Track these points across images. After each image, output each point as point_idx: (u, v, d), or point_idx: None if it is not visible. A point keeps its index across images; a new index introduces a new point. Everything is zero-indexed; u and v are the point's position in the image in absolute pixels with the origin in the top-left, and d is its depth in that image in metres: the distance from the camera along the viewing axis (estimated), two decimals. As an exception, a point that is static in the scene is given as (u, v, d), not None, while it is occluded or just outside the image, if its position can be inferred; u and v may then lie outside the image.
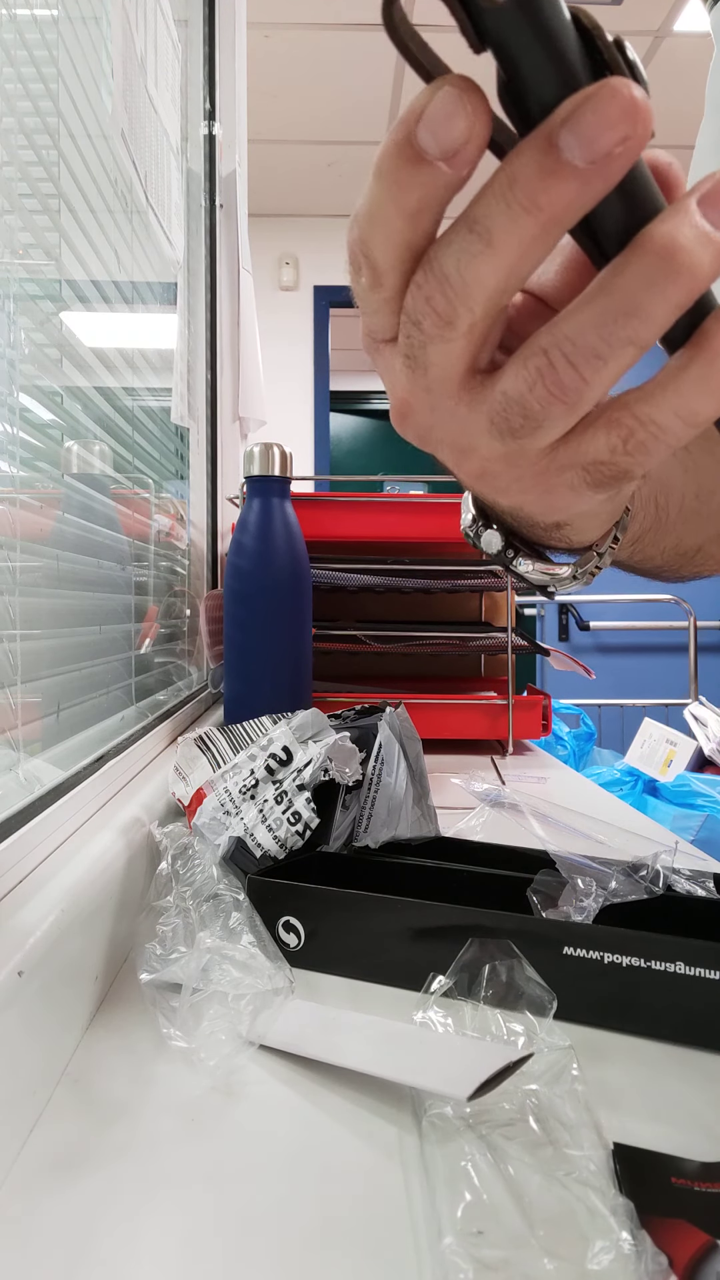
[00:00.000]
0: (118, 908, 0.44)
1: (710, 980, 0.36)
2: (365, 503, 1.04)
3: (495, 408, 0.22)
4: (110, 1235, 0.26)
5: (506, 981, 0.38)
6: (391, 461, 4.69)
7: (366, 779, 0.54)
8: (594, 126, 0.17)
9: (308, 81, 2.86)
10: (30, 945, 0.32)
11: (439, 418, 0.23)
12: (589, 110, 0.17)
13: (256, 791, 0.52)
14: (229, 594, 0.78)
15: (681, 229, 0.19)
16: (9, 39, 0.53)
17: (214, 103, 1.31)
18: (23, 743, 0.49)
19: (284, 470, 0.79)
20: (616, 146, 0.17)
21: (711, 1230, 0.25)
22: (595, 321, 0.20)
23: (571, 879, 0.43)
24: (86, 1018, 0.39)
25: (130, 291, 0.84)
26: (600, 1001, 0.38)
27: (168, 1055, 0.36)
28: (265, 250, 3.56)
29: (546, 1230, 0.25)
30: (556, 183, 0.18)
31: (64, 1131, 0.31)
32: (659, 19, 2.60)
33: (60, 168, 0.62)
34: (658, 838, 0.67)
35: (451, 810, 0.70)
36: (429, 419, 0.24)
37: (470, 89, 0.18)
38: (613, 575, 0.42)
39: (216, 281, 1.30)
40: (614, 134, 0.17)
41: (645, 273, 0.19)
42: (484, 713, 1.03)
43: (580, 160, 0.17)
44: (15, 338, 0.53)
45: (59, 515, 0.63)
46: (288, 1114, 0.32)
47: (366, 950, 0.43)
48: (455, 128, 0.18)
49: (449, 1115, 0.30)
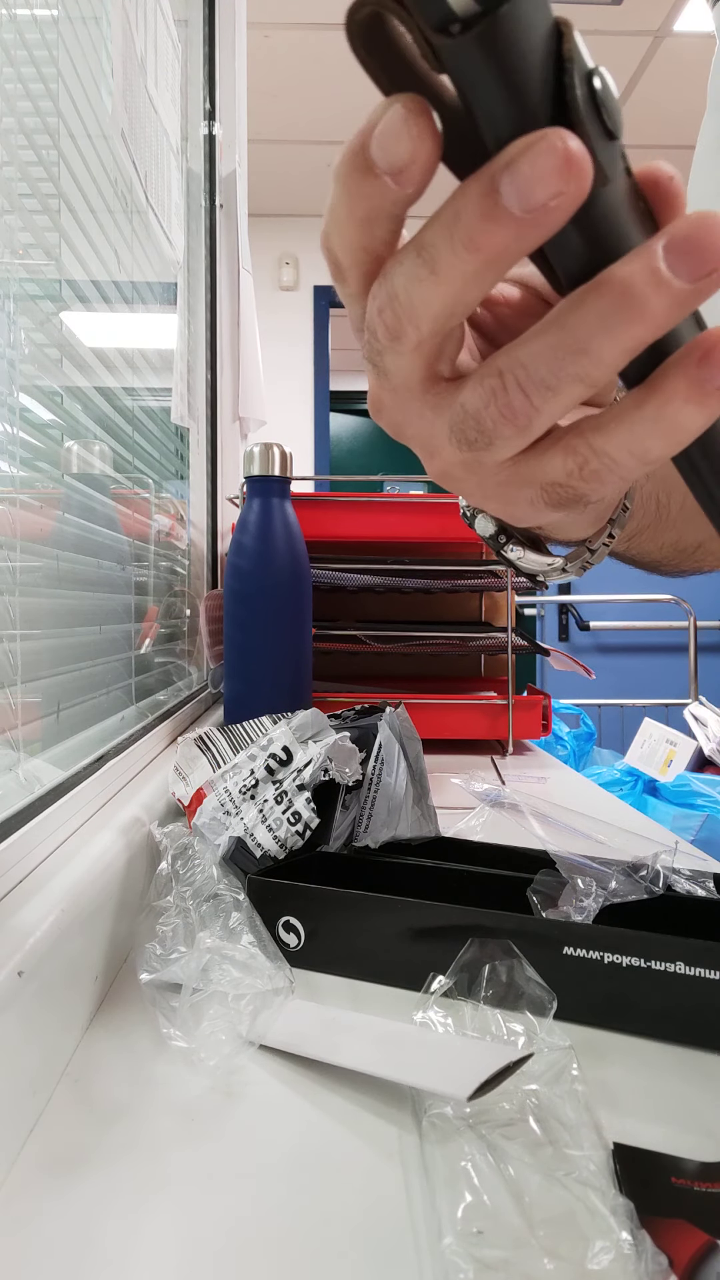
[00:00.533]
0: (118, 908, 0.44)
1: (710, 980, 0.36)
2: (365, 503, 1.04)
3: (455, 417, 0.22)
4: (110, 1235, 0.26)
5: (506, 981, 0.38)
6: (391, 461, 4.68)
7: (366, 779, 0.54)
8: (529, 179, 0.17)
9: (308, 81, 2.86)
10: (30, 945, 0.32)
11: (407, 417, 0.23)
12: (525, 161, 0.17)
13: (256, 791, 0.52)
14: (229, 594, 0.78)
15: (639, 274, 0.18)
16: (9, 39, 0.53)
17: (214, 103, 1.31)
18: (23, 743, 0.49)
19: (284, 470, 0.79)
20: (551, 200, 0.17)
21: (711, 1230, 0.25)
22: (546, 354, 0.19)
23: (571, 879, 0.43)
24: (86, 1018, 0.39)
25: (130, 291, 0.84)
26: (600, 1001, 0.38)
27: (168, 1055, 0.36)
28: (265, 250, 3.56)
29: (546, 1230, 0.25)
30: (495, 226, 0.17)
31: (64, 1131, 0.31)
32: (659, 19, 2.60)
33: (60, 168, 0.62)
34: (658, 838, 0.67)
35: (451, 810, 0.70)
36: (398, 416, 0.23)
37: (417, 113, 0.17)
38: (613, 575, 0.42)
39: (216, 281, 1.30)
40: (547, 188, 0.17)
41: (599, 314, 0.18)
42: (484, 713, 1.03)
43: (516, 209, 0.17)
44: (15, 338, 0.53)
45: (59, 515, 0.63)
46: (288, 1114, 0.32)
47: (366, 950, 0.43)
48: (400, 148, 0.17)
49: (449, 1115, 0.30)
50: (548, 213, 0.17)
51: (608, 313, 0.18)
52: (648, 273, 0.18)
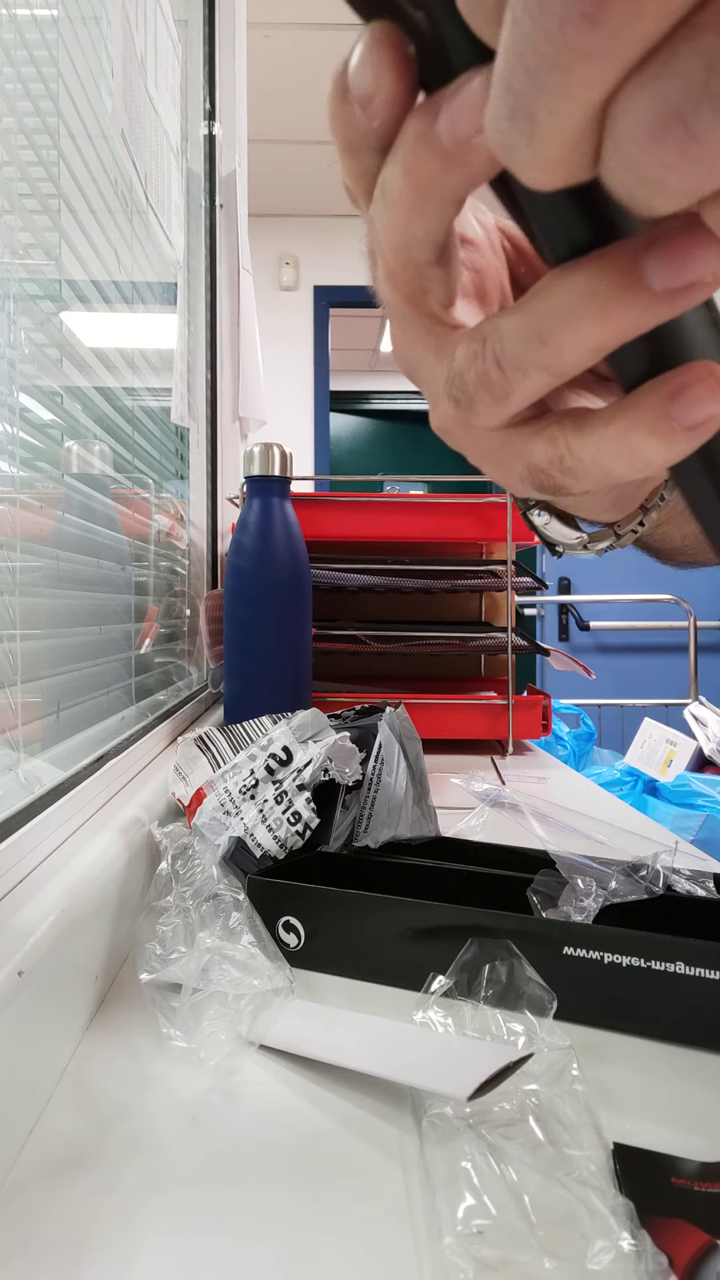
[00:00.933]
0: (118, 908, 0.44)
1: (710, 980, 0.36)
2: (365, 503, 1.04)
3: (449, 371, 0.21)
4: (110, 1235, 0.26)
5: (506, 981, 0.38)
6: (391, 461, 4.69)
7: (366, 779, 0.55)
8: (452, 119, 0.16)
9: (308, 81, 2.86)
10: (30, 945, 0.32)
11: (414, 359, 0.22)
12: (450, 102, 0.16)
13: (256, 791, 0.52)
14: (229, 594, 0.78)
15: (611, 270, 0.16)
16: (9, 39, 0.53)
17: (214, 103, 1.31)
18: (23, 743, 0.49)
19: (284, 470, 0.79)
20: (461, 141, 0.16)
21: (711, 1230, 0.25)
22: (516, 333, 0.18)
23: (571, 879, 0.43)
24: (86, 1018, 0.39)
25: (130, 291, 0.84)
26: (600, 1001, 0.38)
27: (168, 1055, 0.36)
28: (265, 250, 3.56)
29: (546, 1230, 0.25)
30: (426, 151, 0.17)
31: (64, 1131, 0.31)
32: (659, 19, 2.60)
33: (60, 168, 0.62)
34: (658, 838, 0.67)
35: (451, 810, 0.70)
36: (407, 353, 0.22)
37: (383, 43, 0.16)
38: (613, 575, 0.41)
39: (216, 281, 1.30)
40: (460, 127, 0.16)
41: (564, 305, 0.17)
42: (484, 713, 1.03)
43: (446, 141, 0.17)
44: (15, 338, 0.53)
45: (59, 515, 0.63)
46: (288, 1114, 0.32)
47: (366, 950, 0.43)
48: (365, 77, 0.17)
49: (449, 1115, 0.30)
50: (475, 144, 0.16)
51: (570, 306, 0.17)
52: (619, 271, 0.16)
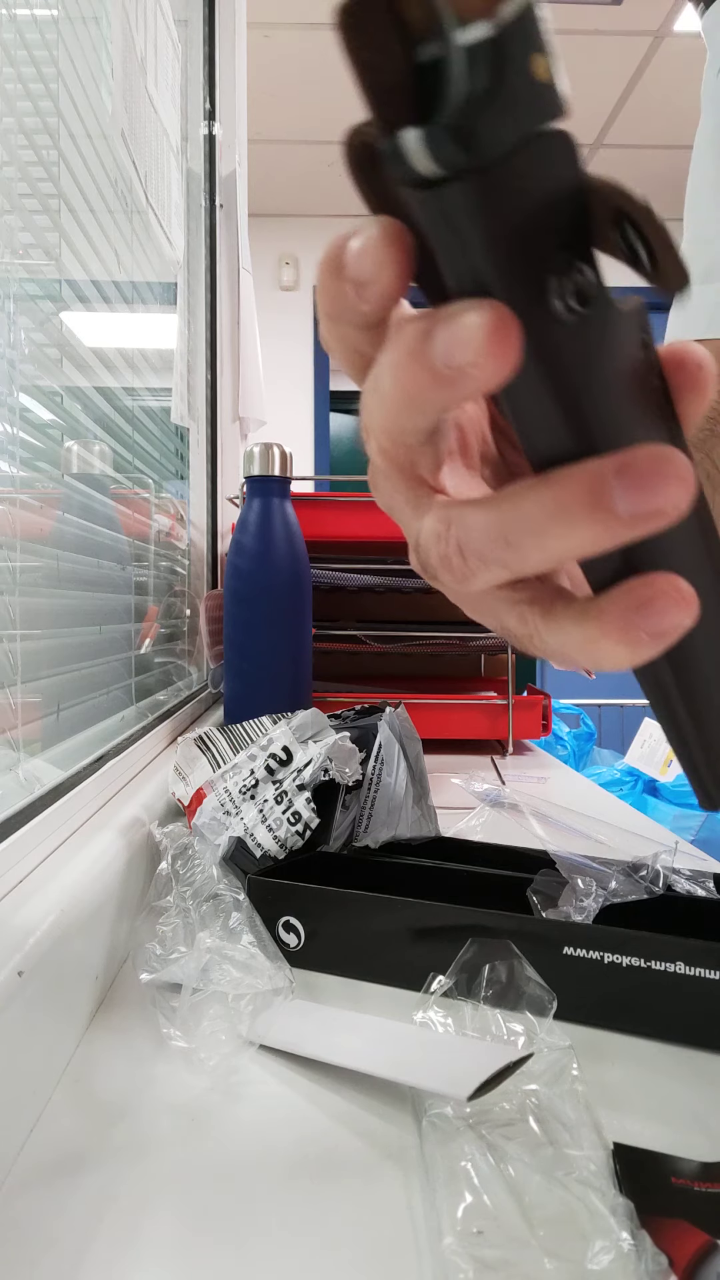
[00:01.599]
0: (118, 908, 0.44)
1: (710, 980, 0.36)
2: (365, 503, 1.04)
3: (416, 539, 0.21)
4: (110, 1235, 0.26)
5: (506, 981, 0.38)
6: (391, 461, 4.67)
7: (366, 779, 0.55)
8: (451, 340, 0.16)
9: (308, 81, 2.86)
10: (30, 945, 0.32)
11: (393, 504, 0.22)
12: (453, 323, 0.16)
13: (256, 791, 0.52)
14: (229, 594, 0.78)
15: (580, 489, 0.17)
16: (9, 39, 0.53)
17: (214, 103, 1.31)
18: (23, 743, 0.49)
19: (284, 470, 0.79)
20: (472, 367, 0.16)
21: (711, 1230, 0.25)
22: (482, 528, 0.19)
23: (571, 879, 0.43)
24: (86, 1018, 0.39)
25: (130, 291, 0.84)
26: (600, 1001, 0.38)
27: (168, 1055, 0.36)
28: (265, 250, 3.56)
29: (546, 1230, 0.25)
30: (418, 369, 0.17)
31: (64, 1131, 0.31)
32: (659, 19, 2.60)
33: (60, 168, 0.62)
34: (658, 838, 0.67)
35: (451, 810, 0.70)
36: (388, 503, 0.23)
37: (388, 240, 0.17)
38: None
39: (216, 281, 1.30)
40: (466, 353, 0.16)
41: (533, 514, 0.17)
42: (484, 713, 1.03)
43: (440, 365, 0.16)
44: (15, 338, 0.53)
45: (59, 515, 0.63)
46: (288, 1114, 0.32)
47: (366, 950, 0.43)
48: (364, 264, 0.17)
49: (449, 1115, 0.30)
50: (467, 372, 0.16)
51: (538, 517, 0.17)
52: (588, 491, 0.17)
